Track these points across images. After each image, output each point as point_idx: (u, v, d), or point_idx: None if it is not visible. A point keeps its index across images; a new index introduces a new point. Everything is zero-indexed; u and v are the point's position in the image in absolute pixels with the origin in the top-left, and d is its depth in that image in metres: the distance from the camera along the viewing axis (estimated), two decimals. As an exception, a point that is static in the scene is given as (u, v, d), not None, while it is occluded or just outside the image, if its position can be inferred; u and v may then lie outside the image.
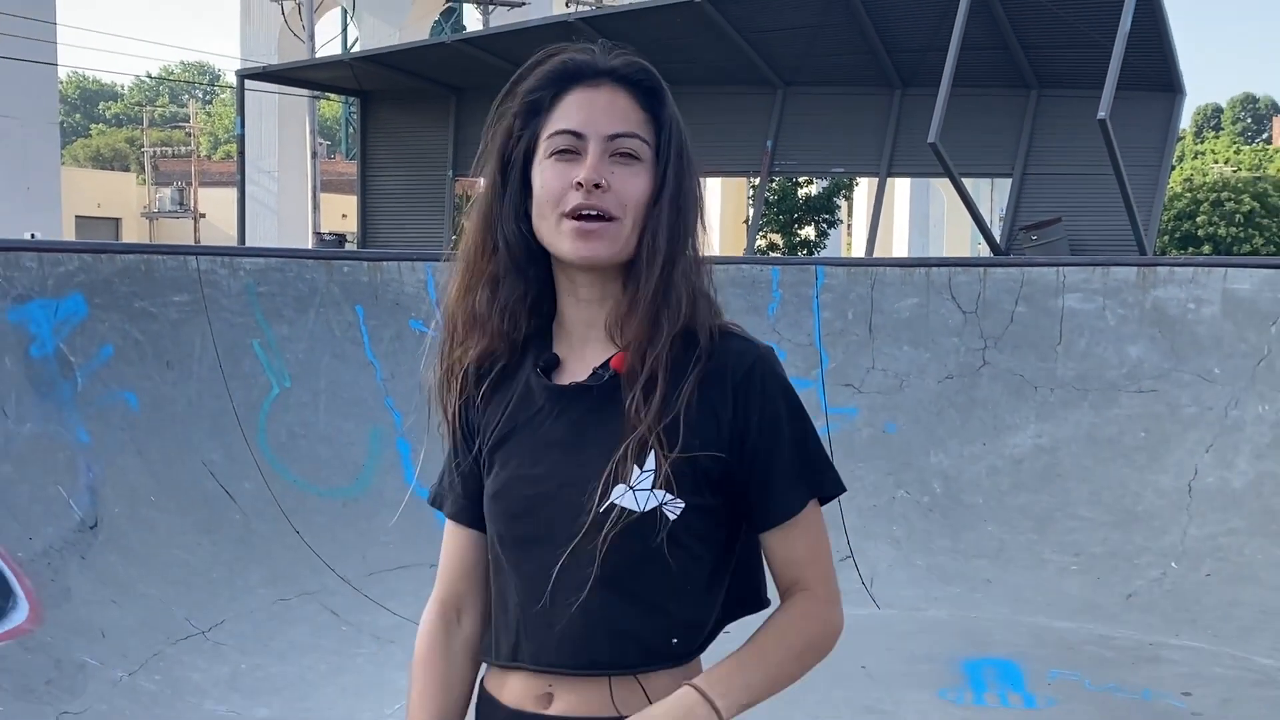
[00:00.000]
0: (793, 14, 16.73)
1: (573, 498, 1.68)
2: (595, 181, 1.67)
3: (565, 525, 1.68)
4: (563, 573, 1.68)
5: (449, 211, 20.96)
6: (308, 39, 29.96)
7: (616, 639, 1.70)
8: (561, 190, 1.68)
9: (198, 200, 50.40)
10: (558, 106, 1.72)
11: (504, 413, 1.78)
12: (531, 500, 1.73)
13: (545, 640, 1.72)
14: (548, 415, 1.74)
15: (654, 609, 1.70)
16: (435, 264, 8.68)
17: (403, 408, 7.92)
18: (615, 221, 1.68)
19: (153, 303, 7.23)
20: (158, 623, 5.72)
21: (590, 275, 1.72)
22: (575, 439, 1.71)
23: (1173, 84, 16.48)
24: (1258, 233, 34.08)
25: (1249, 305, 7.93)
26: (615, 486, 1.65)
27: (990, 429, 8.13)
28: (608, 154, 1.69)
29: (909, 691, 5.58)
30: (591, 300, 1.74)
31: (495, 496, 1.77)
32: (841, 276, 8.79)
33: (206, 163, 59.27)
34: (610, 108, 1.71)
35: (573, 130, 1.70)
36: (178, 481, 6.71)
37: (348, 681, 5.65)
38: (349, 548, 6.97)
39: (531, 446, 1.74)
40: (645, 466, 1.66)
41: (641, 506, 1.66)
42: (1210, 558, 7.06)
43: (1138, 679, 5.78)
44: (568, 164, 1.69)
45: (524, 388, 1.77)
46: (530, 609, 1.72)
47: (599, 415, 1.70)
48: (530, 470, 1.73)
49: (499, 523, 1.77)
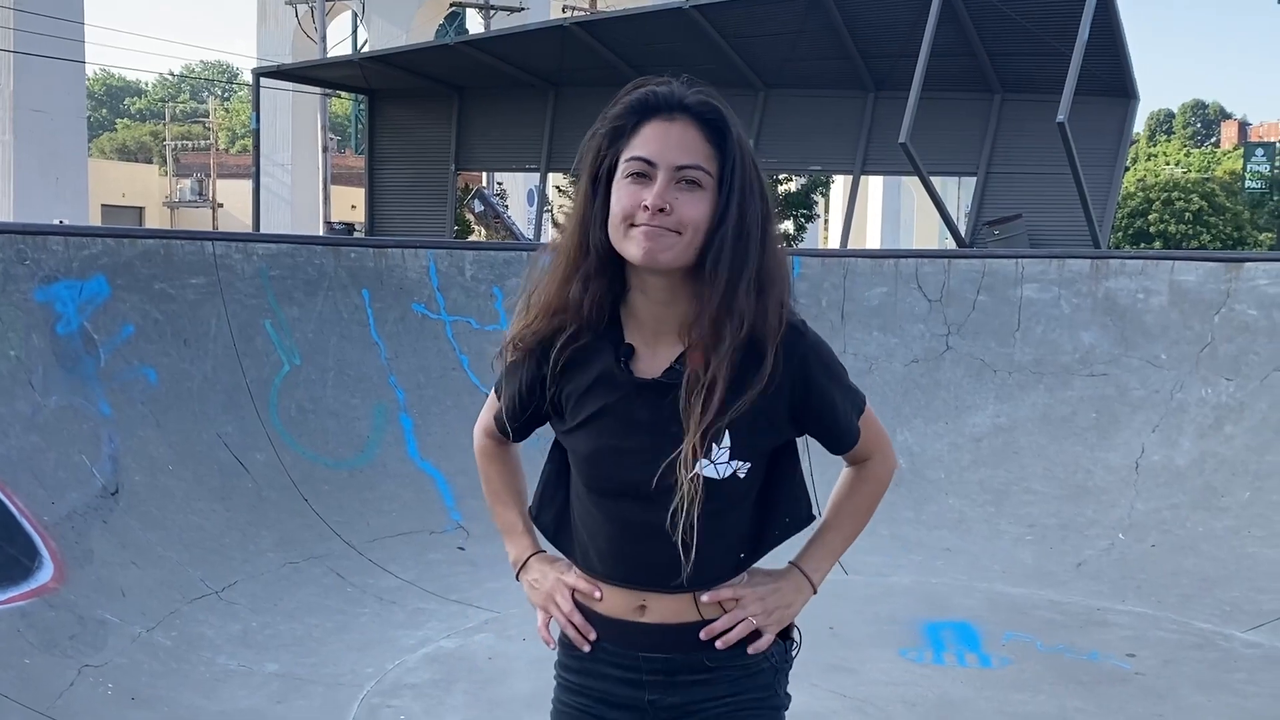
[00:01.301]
0: (774, 21, 16.71)
1: (661, 470, 1.93)
2: (660, 206, 1.86)
3: (655, 489, 1.94)
4: (655, 522, 1.95)
5: (451, 203, 20.92)
6: (320, 40, 29.84)
7: (699, 567, 1.97)
8: (632, 208, 1.88)
9: (215, 190, 50.21)
10: (638, 134, 1.91)
11: (588, 390, 2.01)
12: (624, 468, 1.97)
13: (637, 568, 2.02)
14: (633, 401, 1.97)
15: (727, 541, 2.01)
16: (436, 251, 8.68)
17: (405, 385, 7.92)
18: (677, 235, 1.87)
19: (171, 284, 7.22)
20: (174, 583, 5.72)
21: (659, 279, 1.92)
22: (659, 423, 1.94)
23: (1127, 90, 16.48)
24: (1205, 230, 34.18)
25: (1194, 296, 7.96)
26: (698, 461, 1.91)
27: (952, 409, 8.15)
28: (674, 181, 1.88)
29: (873, 651, 5.60)
30: (660, 301, 1.95)
31: (590, 459, 2.02)
32: (817, 266, 8.80)
33: (224, 156, 59.02)
34: (681, 141, 1.89)
35: (646, 158, 1.89)
36: (194, 452, 6.70)
37: (352, 639, 5.66)
38: (354, 515, 6.98)
39: (622, 425, 1.98)
40: (721, 445, 1.93)
41: (720, 475, 1.95)
42: (1155, 530, 7.10)
43: (1086, 641, 5.82)
44: (640, 186, 1.88)
45: (607, 372, 1.99)
46: (624, 546, 2.01)
47: (676, 405, 1.93)
48: (622, 443, 1.97)
49: (594, 480, 2.02)
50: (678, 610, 2.02)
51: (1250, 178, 36.59)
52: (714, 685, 2.04)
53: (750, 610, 2.03)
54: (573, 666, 2.13)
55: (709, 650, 2.03)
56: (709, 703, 2.04)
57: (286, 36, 36.48)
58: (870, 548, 7.24)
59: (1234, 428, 7.42)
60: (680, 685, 2.04)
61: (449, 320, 8.34)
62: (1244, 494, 7.08)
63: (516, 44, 18.72)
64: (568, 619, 2.10)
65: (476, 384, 8.12)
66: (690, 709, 2.05)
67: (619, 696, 2.08)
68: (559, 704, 2.17)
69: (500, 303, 8.54)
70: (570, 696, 2.14)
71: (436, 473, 7.53)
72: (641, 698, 2.06)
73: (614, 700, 2.08)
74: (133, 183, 50.62)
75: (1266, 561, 6.61)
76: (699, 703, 2.04)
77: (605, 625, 2.07)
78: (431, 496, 7.38)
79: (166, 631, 5.31)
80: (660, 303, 1.95)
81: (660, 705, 2.06)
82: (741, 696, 2.05)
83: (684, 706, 2.05)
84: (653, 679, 2.05)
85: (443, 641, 5.71)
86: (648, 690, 2.06)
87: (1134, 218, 35.07)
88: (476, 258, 8.74)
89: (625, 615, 2.04)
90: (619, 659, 2.06)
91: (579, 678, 2.12)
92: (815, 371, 1.99)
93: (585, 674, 2.11)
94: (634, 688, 2.06)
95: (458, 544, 7.02)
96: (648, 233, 1.86)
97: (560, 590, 2.12)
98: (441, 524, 7.18)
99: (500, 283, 8.62)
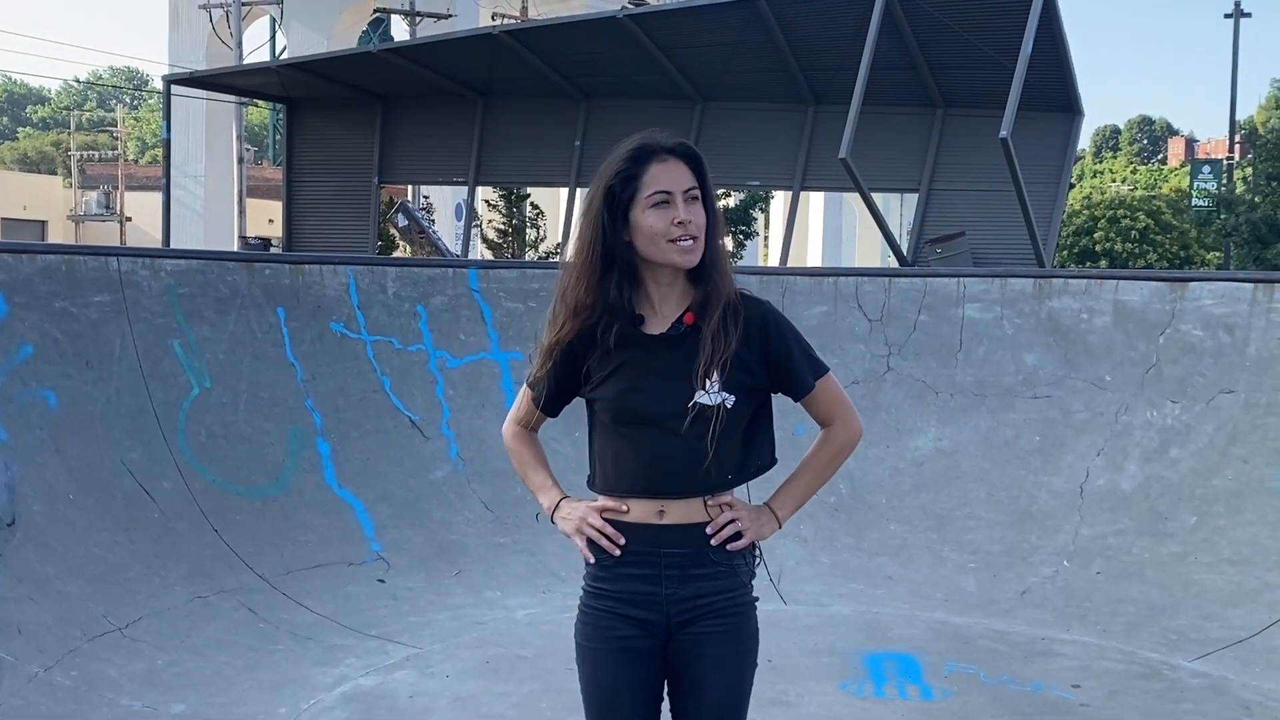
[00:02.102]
0: (710, 31, 16.82)
1: (671, 399, 2.75)
2: (686, 219, 2.76)
3: (668, 415, 2.75)
4: (668, 440, 2.76)
5: (374, 217, 20.79)
6: (235, 46, 29.57)
7: (702, 476, 2.77)
8: (666, 227, 2.75)
9: (124, 204, 49.51)
10: (646, 174, 2.77)
11: (613, 349, 2.79)
12: (644, 401, 2.77)
13: (657, 479, 2.78)
14: (648, 352, 2.80)
15: (720, 462, 2.77)
16: (357, 267, 8.61)
17: (323, 408, 7.84)
18: (697, 241, 2.77)
19: (73, 302, 7.10)
20: (75, 619, 5.61)
21: (669, 270, 2.80)
22: (668, 366, 2.77)
23: (1072, 105, 16.77)
24: (1151, 249, 34.82)
25: (1139, 316, 8.09)
26: (696, 392, 2.73)
27: (894, 432, 8.22)
28: (685, 200, 2.77)
29: (812, 683, 5.62)
30: (666, 283, 2.83)
31: (616, 398, 2.79)
32: (755, 285, 8.83)
33: (133, 167, 58.26)
34: (679, 174, 2.78)
35: (665, 190, 2.76)
36: (96, 480, 6.58)
37: (264, 677, 5.58)
38: (267, 546, 6.88)
39: (640, 371, 2.79)
40: (712, 379, 2.73)
41: (713, 403, 2.74)
42: (1100, 556, 7.19)
43: (1030, 671, 5.88)
44: (665, 210, 2.76)
45: (624, 335, 2.80)
46: (644, 461, 2.78)
47: (679, 352, 2.77)
48: (641, 384, 2.78)
49: (620, 414, 2.79)
50: (689, 513, 2.79)
51: (1197, 195, 37.35)
52: (714, 580, 2.81)
53: (739, 513, 2.82)
54: (601, 575, 2.84)
55: (712, 548, 2.79)
56: (709, 596, 2.79)
57: (200, 42, 36.11)
58: (809, 576, 7.29)
59: (1180, 451, 7.55)
60: (690, 579, 2.80)
61: (370, 340, 8.28)
62: (1190, 519, 7.20)
63: (444, 52, 18.70)
64: (600, 530, 2.81)
65: (399, 407, 8.06)
66: (696, 601, 2.79)
67: (639, 594, 2.81)
68: (586, 609, 2.87)
69: (425, 322, 8.49)
70: (597, 601, 2.85)
71: (356, 501, 7.46)
72: (659, 592, 2.80)
73: (635, 598, 2.81)
74: (34, 195, 49.78)
75: (1212, 588, 6.72)
76: (703, 596, 2.79)
77: (632, 530, 2.80)
78: (350, 526, 7.31)
79: (66, 671, 5.20)
80: (666, 284, 2.83)
81: (674, 598, 2.79)
82: (730, 593, 2.82)
83: (691, 600, 2.79)
84: (669, 573, 2.80)
85: (361, 679, 5.64)
86: (664, 585, 2.80)
87: (1079, 236, 35.65)
88: (400, 275, 8.69)
89: (649, 520, 2.79)
90: (642, 558, 2.80)
91: (605, 584, 2.83)
92: (773, 326, 2.83)
93: (612, 579, 2.83)
94: (653, 584, 2.80)
95: (378, 576, 6.95)
96: (682, 248, 2.74)
97: (590, 512, 2.85)
98: (361, 555, 7.11)
99: (425, 301, 8.58)
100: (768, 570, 7.06)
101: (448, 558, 7.25)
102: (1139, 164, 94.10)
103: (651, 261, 2.80)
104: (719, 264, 2.81)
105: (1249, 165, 38.73)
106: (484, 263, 10.62)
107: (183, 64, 32.19)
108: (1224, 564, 6.87)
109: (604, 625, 2.84)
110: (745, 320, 2.80)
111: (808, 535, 7.53)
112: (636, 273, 2.82)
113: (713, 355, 2.73)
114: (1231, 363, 7.68)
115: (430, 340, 8.44)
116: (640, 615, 2.81)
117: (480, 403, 8.20)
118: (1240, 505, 7.13)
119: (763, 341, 2.82)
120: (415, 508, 7.58)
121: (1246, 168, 39.34)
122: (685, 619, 2.81)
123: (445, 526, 7.52)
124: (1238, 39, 37.39)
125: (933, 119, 17.74)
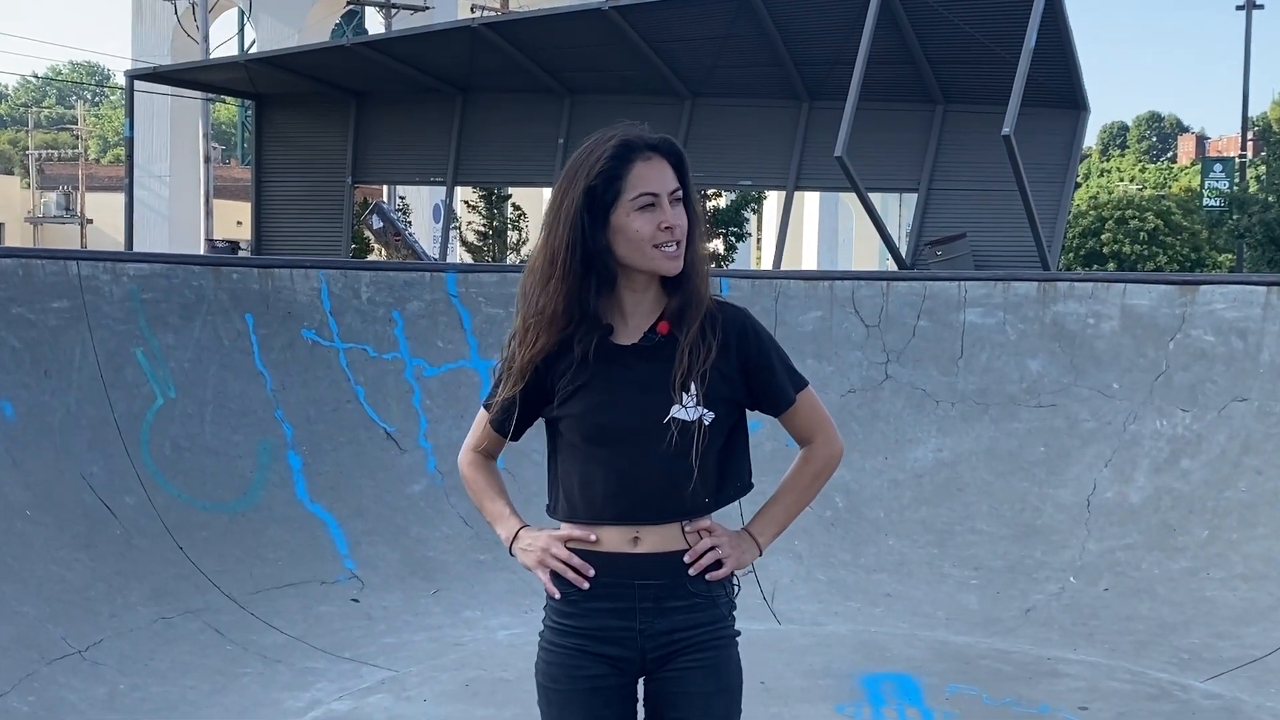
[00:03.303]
0: (700, 24, 16.86)
1: (645, 415, 2.65)
2: (673, 224, 2.67)
3: (641, 432, 2.65)
4: (643, 460, 2.65)
5: (347, 218, 20.80)
6: (202, 40, 29.53)
7: (679, 499, 2.68)
8: (653, 231, 2.65)
9: (84, 205, 49.43)
10: (630, 173, 2.66)
11: (579, 364, 2.68)
12: (615, 417, 2.66)
13: (631, 503, 2.67)
14: (618, 364, 2.68)
15: (697, 484, 2.67)
16: (329, 271, 8.60)
17: (293, 419, 7.83)
18: (682, 245, 2.68)
19: (31, 309, 7.08)
20: (32, 641, 5.59)
21: (645, 275, 2.70)
22: (642, 379, 2.67)
23: (1077, 101, 16.84)
24: (1161, 250, 34.93)
25: (1148, 321, 8.13)
26: (672, 406, 2.64)
27: (892, 442, 8.23)
28: (671, 203, 2.68)
29: (807, 707, 5.63)
30: (641, 289, 2.73)
31: (585, 415, 2.68)
32: (746, 289, 8.86)
33: (95, 166, 58.17)
34: (664, 174, 2.69)
35: (652, 192, 2.66)
36: (55, 495, 6.57)
37: (231, 702, 5.57)
38: (234, 564, 6.87)
39: (611, 385, 2.67)
40: (690, 393, 2.64)
41: (691, 418, 2.65)
42: (1108, 572, 7.21)
43: (1035, 693, 5.88)
44: (651, 212, 2.66)
45: (596, 345, 2.68)
46: (616, 484, 2.66)
47: (653, 364, 2.67)
48: (612, 399, 2.67)
49: (588, 431, 2.68)
50: (665, 540, 2.69)
51: (1209, 194, 37.50)
52: (692, 613, 2.70)
53: (718, 540, 2.72)
54: (568, 611, 2.72)
55: (690, 578, 2.69)
56: (687, 630, 2.70)
57: (164, 36, 36.06)
58: (804, 594, 7.30)
59: (1191, 462, 7.58)
60: (667, 611, 2.69)
61: (343, 348, 8.27)
62: (1202, 533, 7.23)
63: (421, 46, 18.72)
64: (565, 562, 2.69)
65: (373, 417, 8.06)
66: (673, 635, 2.69)
67: (611, 630, 2.70)
68: (551, 647, 2.76)
69: (400, 328, 8.49)
70: (562, 638, 2.74)
71: (328, 516, 7.45)
72: (632, 627, 2.69)
73: (606, 635, 2.70)
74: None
75: (1226, 605, 6.75)
76: (680, 630, 2.69)
77: (602, 561, 2.69)
78: (323, 543, 7.30)
79: (23, 696, 5.19)
80: (640, 290, 2.73)
81: (648, 633, 2.69)
82: (710, 626, 2.72)
83: (668, 634, 2.69)
84: (644, 606, 2.69)
85: (334, 704, 5.63)
86: (639, 619, 2.69)
87: (1086, 237, 35.76)
88: (374, 279, 8.69)
89: (621, 549, 2.68)
90: (614, 591, 2.69)
91: (572, 620, 2.72)
92: (753, 336, 2.76)
93: (580, 615, 2.71)
94: (626, 618, 2.69)
95: (352, 595, 6.94)
96: (668, 254, 2.66)
97: (554, 542, 2.72)
98: (333, 573, 7.10)
99: (400, 306, 8.58)
100: (761, 589, 7.11)
101: (425, 575, 7.24)
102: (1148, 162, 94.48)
103: (628, 267, 2.70)
104: (698, 269, 2.72)
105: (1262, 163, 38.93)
106: (463, 266, 10.63)
107: (146, 58, 32.15)
108: (1237, 580, 6.89)
109: (571, 665, 2.72)
110: (723, 329, 2.71)
111: (802, 551, 7.54)
112: (614, 279, 2.71)
113: (690, 367, 2.64)
114: (1244, 369, 7.71)
115: (406, 348, 8.44)
116: (611, 652, 2.70)
117: (459, 413, 8.19)
118: (1254, 518, 7.15)
119: (742, 351, 2.74)
120: (391, 523, 7.57)
121: (1260, 165, 39.56)
122: (662, 655, 2.71)
123: (422, 543, 7.51)
124: (1250, 31, 37.53)
125: (932, 116, 17.79)
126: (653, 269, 2.68)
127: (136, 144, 21.56)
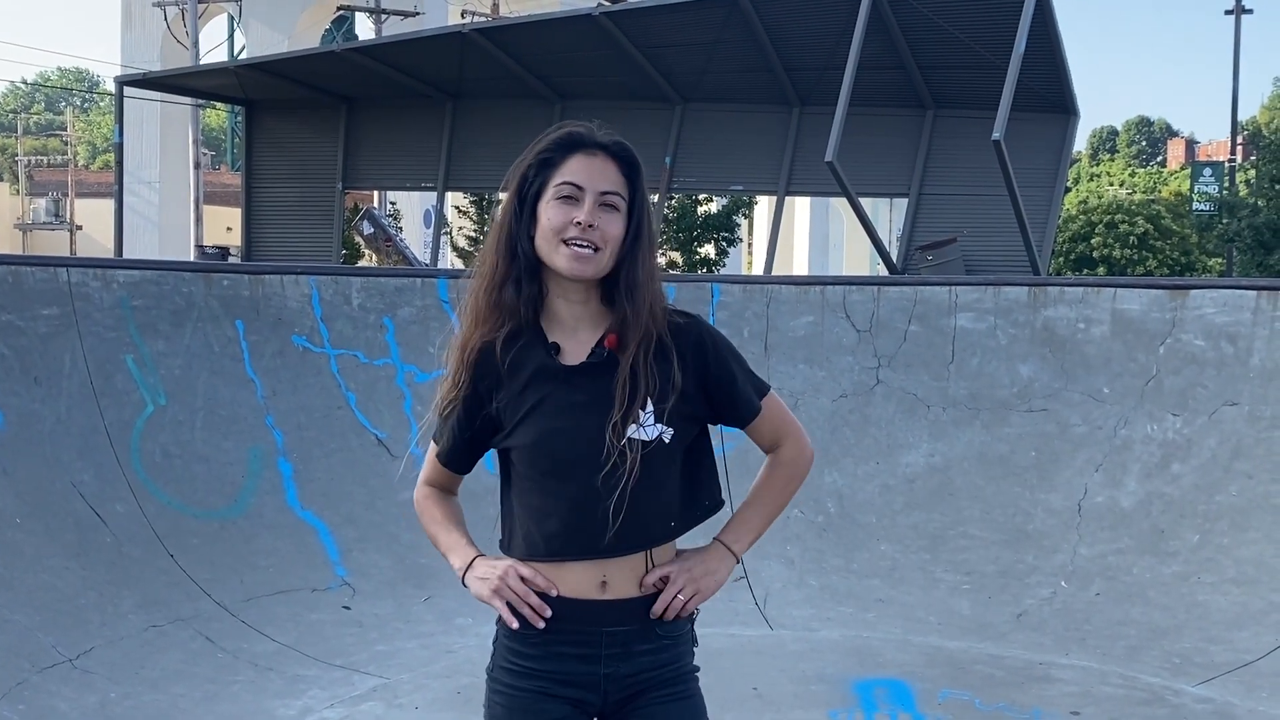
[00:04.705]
0: (690, 30, 16.88)
1: (599, 439, 2.47)
2: (590, 223, 2.49)
3: (596, 457, 2.47)
4: (601, 489, 2.47)
5: (338, 224, 20.78)
6: (191, 45, 29.53)
7: (641, 528, 2.52)
8: (563, 224, 2.49)
9: (74, 211, 49.35)
10: (565, 164, 2.53)
11: (525, 388, 2.54)
12: (568, 444, 2.50)
13: (591, 536, 2.50)
14: (567, 386, 2.53)
15: (661, 507, 2.56)
16: (320, 277, 8.59)
17: (284, 426, 7.82)
18: (599, 252, 2.50)
19: (20, 316, 7.07)
20: (23, 650, 5.58)
21: (578, 285, 2.53)
22: (592, 400, 2.50)
23: (1067, 106, 16.88)
24: (1151, 255, 34.98)
25: (1138, 325, 8.14)
26: (629, 426, 2.48)
27: (884, 448, 8.24)
28: (598, 204, 2.50)
29: (799, 712, 5.63)
30: (577, 301, 2.56)
31: (537, 443, 2.52)
32: (737, 294, 8.87)
33: (84, 173, 58.09)
34: (603, 172, 2.53)
35: (576, 183, 2.51)
36: (45, 503, 6.55)
37: (224, 710, 5.56)
38: (226, 572, 6.86)
39: (559, 409, 2.52)
40: (646, 410, 2.49)
41: (649, 437, 2.50)
42: (1100, 577, 7.22)
43: (1027, 698, 5.89)
44: (569, 206, 2.50)
45: (540, 367, 2.53)
46: (576, 516, 2.50)
47: (603, 382, 2.51)
48: (562, 425, 2.51)
49: (540, 461, 2.53)
50: (633, 578, 2.56)
51: (1198, 199, 37.59)
52: (656, 654, 2.59)
53: (678, 582, 2.57)
54: (528, 653, 2.58)
55: (659, 621, 2.58)
56: (651, 671, 2.59)
57: (154, 41, 36.04)
58: (796, 599, 7.30)
59: (1181, 466, 7.59)
60: (633, 655, 2.57)
61: (334, 354, 8.26)
62: (1193, 537, 7.24)
63: (411, 51, 18.71)
64: (523, 597, 2.53)
65: (364, 424, 8.05)
66: (637, 678, 2.58)
67: (574, 674, 2.57)
68: (509, 690, 2.60)
69: (392, 334, 8.48)
70: (522, 680, 2.59)
71: (319, 523, 7.44)
72: (597, 672, 2.57)
73: (569, 679, 2.57)
74: (-21, 202, 49.50)
75: (1217, 610, 6.76)
76: (644, 671, 2.59)
77: (567, 607, 2.54)
78: (314, 550, 7.29)
79: (13, 705, 5.17)
80: (578, 303, 2.56)
81: (613, 677, 2.57)
82: (675, 664, 2.62)
83: (633, 677, 2.58)
84: (610, 653, 2.57)
85: (326, 712, 5.62)
86: (604, 664, 2.57)
87: (1076, 242, 35.81)
88: (365, 285, 8.68)
89: (588, 594, 2.54)
90: (578, 636, 2.56)
91: (534, 662, 2.58)
92: (710, 347, 2.60)
93: (542, 657, 2.57)
94: (590, 663, 2.57)
95: (343, 603, 6.93)
96: (575, 254, 2.47)
97: (511, 573, 2.55)
98: (325, 581, 7.09)
99: (391, 313, 8.57)
100: (753, 594, 7.12)
101: (417, 582, 7.23)
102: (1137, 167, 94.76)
103: (554, 271, 2.54)
104: (641, 288, 2.53)
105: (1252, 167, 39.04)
106: (454, 272, 10.63)
107: (136, 64, 32.12)
108: (1229, 584, 6.91)
109: (535, 709, 2.58)
110: (679, 343, 2.56)
111: (794, 557, 7.54)
112: (541, 281, 2.56)
113: (636, 388, 2.48)
114: (1235, 374, 7.73)
115: (398, 354, 8.43)
116: (573, 695, 2.58)
117: (450, 419, 8.18)
118: (1245, 523, 7.17)
119: (699, 365, 2.58)
120: (382, 530, 7.56)
121: (1249, 170, 39.67)
122: (624, 696, 2.60)
123: (414, 550, 7.50)
124: (1239, 36, 37.71)
125: (922, 121, 17.82)
126: (555, 265, 2.51)
127: (126, 150, 21.52)
